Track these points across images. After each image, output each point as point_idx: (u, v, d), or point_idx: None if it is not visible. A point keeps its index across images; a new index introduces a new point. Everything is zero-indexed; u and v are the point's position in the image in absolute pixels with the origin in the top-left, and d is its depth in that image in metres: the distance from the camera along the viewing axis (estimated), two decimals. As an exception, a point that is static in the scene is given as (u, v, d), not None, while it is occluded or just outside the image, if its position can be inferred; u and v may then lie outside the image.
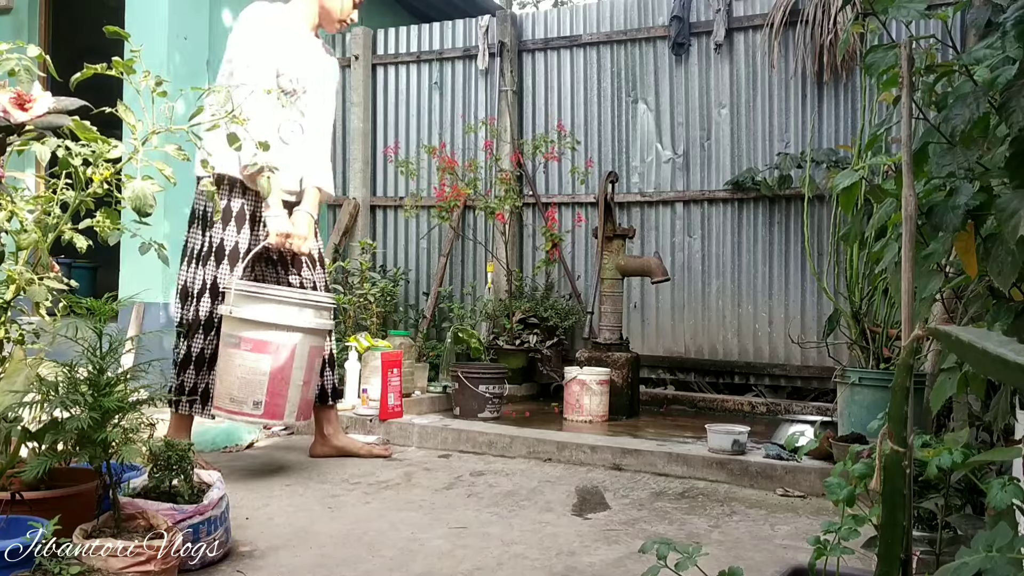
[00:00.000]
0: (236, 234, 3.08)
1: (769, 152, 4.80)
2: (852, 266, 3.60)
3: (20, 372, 1.86)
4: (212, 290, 3.08)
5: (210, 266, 3.07)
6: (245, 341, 2.93)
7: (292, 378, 2.97)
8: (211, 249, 3.08)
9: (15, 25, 5.44)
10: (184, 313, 3.13)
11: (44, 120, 1.96)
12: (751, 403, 4.52)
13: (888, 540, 1.06)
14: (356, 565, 2.12)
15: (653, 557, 1.30)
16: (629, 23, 5.18)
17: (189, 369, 3.12)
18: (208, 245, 3.08)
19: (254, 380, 2.93)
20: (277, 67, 3.07)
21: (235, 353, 2.93)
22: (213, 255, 3.07)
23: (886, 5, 1.44)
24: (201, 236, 3.11)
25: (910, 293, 1.17)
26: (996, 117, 1.37)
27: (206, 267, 3.08)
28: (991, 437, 2.15)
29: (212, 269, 3.07)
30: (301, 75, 3.15)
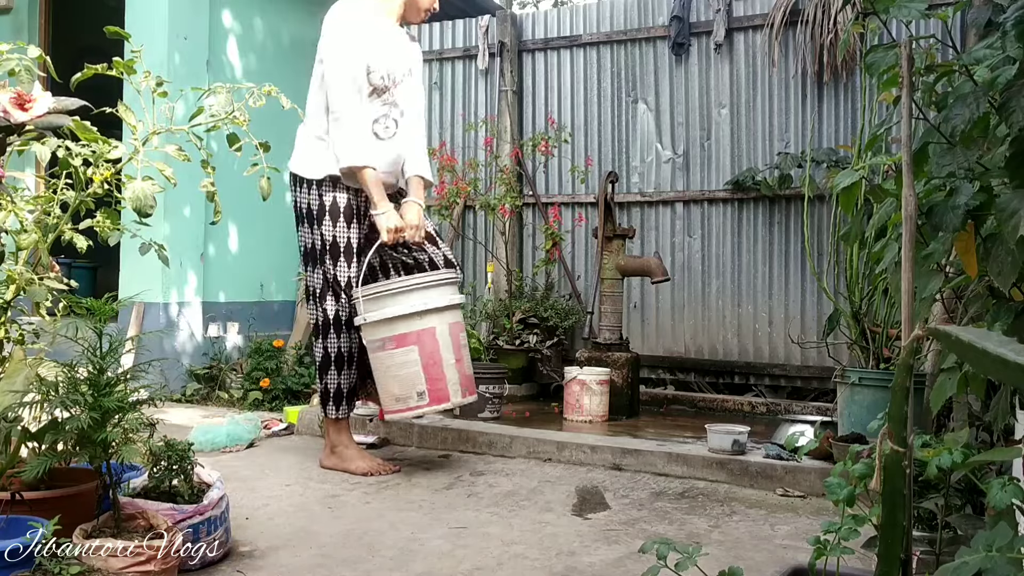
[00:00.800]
0: (347, 230, 3.12)
1: (769, 152, 4.80)
2: (852, 266, 3.60)
3: (20, 372, 1.86)
4: (334, 288, 3.14)
5: (327, 264, 3.12)
6: (388, 341, 3.01)
7: (443, 360, 3.03)
8: (324, 246, 3.12)
9: (15, 25, 5.44)
10: (316, 314, 3.19)
11: (44, 120, 1.96)
12: (751, 403, 4.52)
13: (888, 540, 1.06)
14: (356, 565, 2.12)
15: (653, 557, 1.30)
16: (629, 23, 5.18)
17: (330, 370, 3.18)
18: (321, 242, 3.13)
19: (410, 373, 3.00)
20: (368, 64, 3.07)
21: (383, 356, 3.03)
22: (328, 252, 3.12)
23: (886, 5, 1.44)
24: (311, 234, 3.15)
25: (910, 293, 1.17)
26: (996, 117, 1.37)
27: (323, 265, 3.13)
28: (991, 437, 2.15)
29: (330, 267, 3.12)
30: (391, 69, 3.15)
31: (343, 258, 3.11)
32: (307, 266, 3.19)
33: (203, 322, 4.98)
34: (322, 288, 3.15)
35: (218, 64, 5.15)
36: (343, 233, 3.11)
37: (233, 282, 5.24)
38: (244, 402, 4.56)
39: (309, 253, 3.18)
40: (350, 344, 3.18)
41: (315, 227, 3.13)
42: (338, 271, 3.11)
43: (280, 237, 5.61)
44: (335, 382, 3.17)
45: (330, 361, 3.17)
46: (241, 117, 2.12)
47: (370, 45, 3.09)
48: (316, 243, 3.14)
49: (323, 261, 3.13)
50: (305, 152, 3.16)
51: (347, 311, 3.14)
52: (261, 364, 4.73)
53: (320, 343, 3.18)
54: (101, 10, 5.00)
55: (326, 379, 3.18)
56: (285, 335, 5.28)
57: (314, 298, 3.18)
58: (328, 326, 3.15)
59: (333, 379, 3.17)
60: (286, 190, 5.58)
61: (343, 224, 3.11)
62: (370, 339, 3.05)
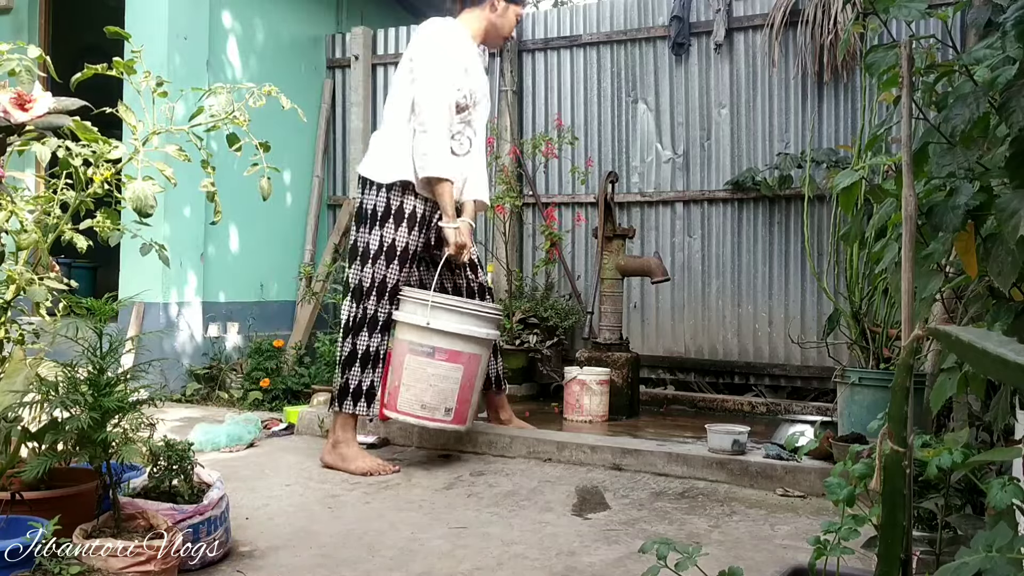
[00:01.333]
0: (407, 235, 3.21)
1: (769, 152, 4.80)
2: (852, 266, 3.60)
3: (20, 372, 1.86)
4: (380, 289, 3.20)
5: (380, 264, 3.19)
6: (439, 351, 3.12)
7: (475, 387, 3.24)
8: (381, 247, 3.20)
9: (15, 25, 5.44)
10: (352, 311, 3.23)
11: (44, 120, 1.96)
12: (751, 403, 4.52)
13: (888, 540, 1.06)
14: (356, 565, 2.12)
15: (653, 557, 1.30)
16: (629, 23, 5.18)
17: (354, 367, 3.21)
18: (379, 243, 3.20)
19: (447, 388, 3.13)
20: (456, 83, 3.22)
21: (427, 362, 3.12)
22: (384, 254, 3.19)
23: (887, 5, 1.44)
24: (369, 235, 3.21)
25: (910, 293, 1.18)
26: (996, 117, 1.37)
27: (375, 265, 3.20)
28: (991, 437, 2.15)
29: (382, 268, 3.19)
30: (474, 90, 3.32)
31: (397, 261, 3.20)
32: (362, 264, 3.23)
33: (203, 322, 4.98)
34: (368, 287, 3.20)
35: (218, 64, 5.15)
36: (403, 237, 3.20)
37: (233, 282, 5.25)
38: (244, 402, 4.57)
39: (364, 252, 3.23)
40: (379, 346, 3.24)
41: (376, 228, 3.20)
42: (388, 272, 3.20)
43: (280, 237, 5.61)
44: (356, 379, 3.21)
45: (356, 358, 3.21)
46: (241, 117, 2.12)
47: (461, 65, 3.25)
48: (372, 244, 3.21)
49: (376, 261, 3.20)
50: (379, 157, 3.25)
51: (385, 313, 3.21)
52: (261, 364, 4.73)
53: (349, 339, 3.22)
54: (101, 10, 5.00)
55: (348, 375, 3.21)
56: (285, 335, 5.28)
57: (356, 295, 3.23)
58: (363, 324, 3.20)
59: (355, 376, 3.21)
60: (286, 191, 5.63)
61: (404, 229, 3.20)
62: (420, 341, 3.12)
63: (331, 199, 5.99)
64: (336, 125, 6.03)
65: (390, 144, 3.24)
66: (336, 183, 6.02)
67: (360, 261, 3.23)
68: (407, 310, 3.17)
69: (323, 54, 6.03)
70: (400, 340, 3.18)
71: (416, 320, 3.11)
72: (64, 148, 1.93)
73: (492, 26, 3.40)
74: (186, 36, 4.86)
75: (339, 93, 6.04)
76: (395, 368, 3.18)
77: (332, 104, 6.01)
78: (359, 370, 3.20)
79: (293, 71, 5.75)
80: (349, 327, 3.22)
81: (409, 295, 3.19)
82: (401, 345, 3.17)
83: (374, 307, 3.20)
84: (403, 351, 3.15)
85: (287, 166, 5.56)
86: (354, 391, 3.20)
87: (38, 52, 2.02)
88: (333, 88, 6.02)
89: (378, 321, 3.21)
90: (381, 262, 3.19)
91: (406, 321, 3.15)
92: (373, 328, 3.21)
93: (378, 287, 3.20)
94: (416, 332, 3.13)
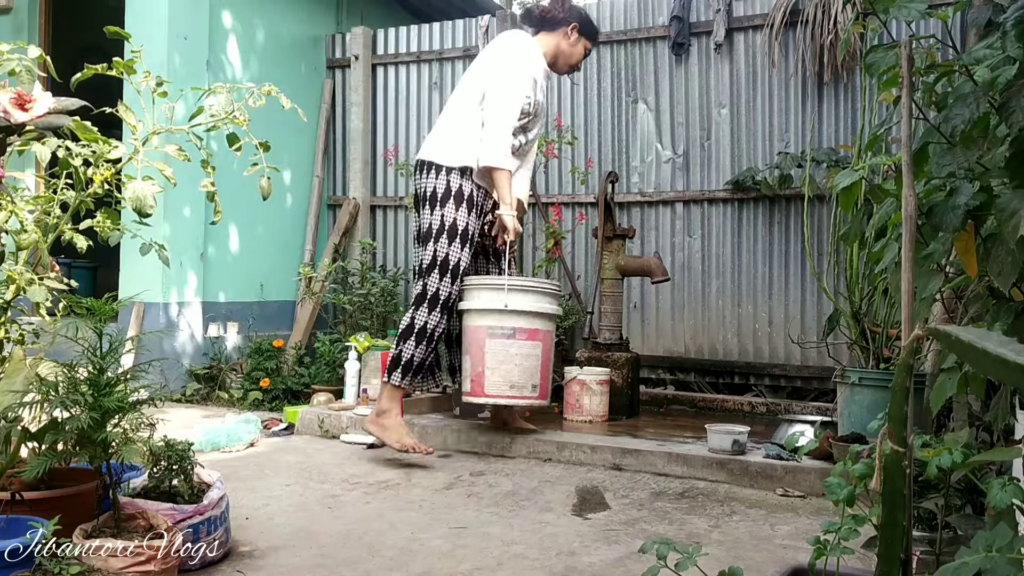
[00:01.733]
0: (467, 215, 3.37)
1: (769, 152, 4.80)
2: (852, 266, 3.60)
3: (20, 372, 1.86)
4: (441, 266, 3.34)
5: (441, 242, 3.35)
6: (520, 331, 3.31)
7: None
8: (442, 226, 3.36)
9: (15, 25, 5.44)
10: (418, 285, 3.38)
11: (44, 120, 1.96)
12: (751, 403, 4.52)
13: (888, 540, 1.06)
14: (356, 565, 2.12)
15: (653, 557, 1.30)
16: (629, 23, 5.18)
17: (409, 340, 3.33)
18: (440, 222, 3.36)
19: (531, 366, 3.32)
20: (525, 90, 3.42)
21: (509, 343, 3.29)
22: (445, 232, 3.35)
23: (887, 5, 1.43)
24: (430, 215, 3.39)
25: (910, 293, 1.17)
26: (996, 117, 1.37)
27: (436, 244, 3.35)
28: (991, 437, 2.15)
29: (444, 246, 3.35)
30: (538, 101, 3.53)
31: (459, 240, 3.35)
32: (421, 244, 3.42)
33: (203, 322, 4.98)
34: (429, 264, 3.35)
35: (218, 64, 5.15)
36: (463, 218, 3.36)
37: (233, 282, 5.24)
38: (244, 402, 4.56)
39: (426, 233, 3.39)
40: (437, 324, 3.34)
41: (436, 208, 3.37)
42: (451, 251, 3.34)
43: (280, 237, 5.61)
44: (410, 352, 3.32)
45: (413, 331, 3.33)
46: (241, 117, 2.12)
47: (533, 76, 3.47)
48: (434, 223, 3.37)
49: (437, 239, 3.35)
50: (443, 142, 3.45)
51: (447, 292, 3.34)
52: (261, 364, 4.73)
53: (410, 312, 3.37)
54: (101, 10, 5.00)
55: (402, 347, 3.33)
56: (285, 335, 5.28)
57: (420, 272, 3.40)
58: (423, 299, 3.35)
59: (409, 348, 3.32)
60: (286, 191, 5.63)
61: (464, 210, 3.37)
62: (500, 324, 3.29)
63: (331, 199, 5.99)
64: (336, 125, 6.03)
65: (454, 131, 3.43)
66: (336, 183, 6.02)
67: (422, 241, 3.41)
68: (478, 297, 3.33)
69: (323, 54, 6.03)
70: (476, 327, 3.33)
71: (494, 304, 3.28)
72: (64, 148, 1.93)
73: (561, 53, 3.60)
74: (186, 36, 4.86)
75: (339, 93, 6.04)
76: (474, 355, 3.33)
77: (332, 104, 6.01)
78: (413, 344, 3.32)
79: (293, 71, 5.75)
80: (411, 302, 3.41)
81: (478, 282, 3.36)
82: (478, 332, 3.32)
83: (435, 284, 3.33)
84: (481, 337, 3.30)
85: (287, 166, 5.56)
86: (405, 364, 3.32)
87: (38, 52, 2.02)
88: (333, 88, 6.02)
89: (439, 299, 3.33)
90: (443, 240, 3.34)
91: (482, 307, 3.31)
92: (433, 305, 3.33)
93: (440, 264, 3.33)
94: (494, 316, 3.29)
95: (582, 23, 3.62)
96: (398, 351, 3.33)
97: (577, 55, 3.65)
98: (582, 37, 3.62)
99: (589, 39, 3.66)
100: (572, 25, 3.58)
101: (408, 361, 3.31)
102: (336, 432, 3.86)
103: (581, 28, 3.61)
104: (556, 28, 3.59)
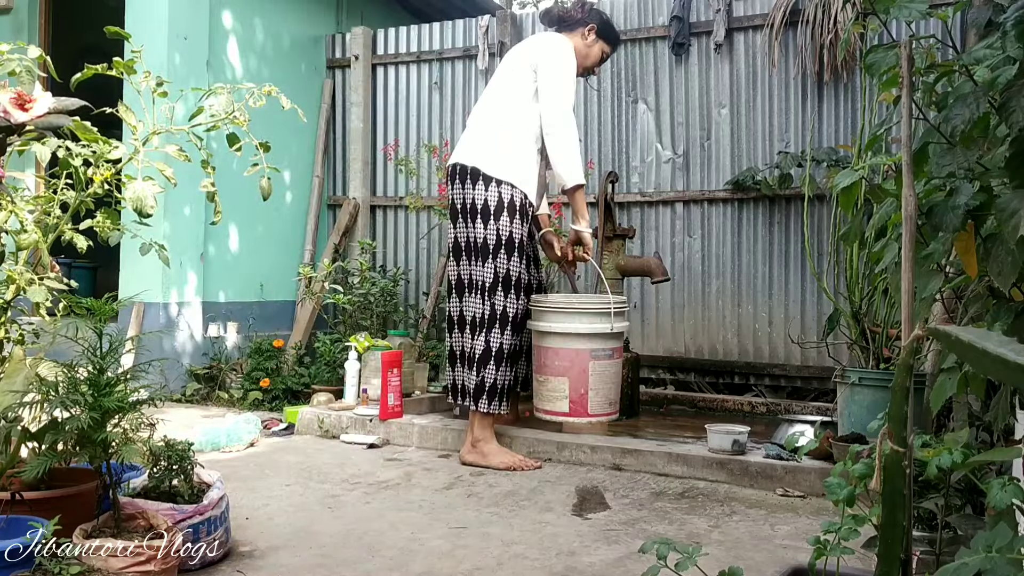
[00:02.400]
0: (521, 227, 3.33)
1: (769, 152, 4.80)
2: (852, 266, 3.60)
3: (20, 372, 1.86)
4: (504, 283, 3.30)
5: (500, 258, 3.30)
6: (616, 351, 3.36)
7: None
8: (499, 241, 3.30)
9: (15, 25, 5.44)
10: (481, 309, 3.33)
11: (44, 120, 1.96)
12: (751, 403, 4.52)
13: (888, 540, 1.06)
14: (356, 565, 2.12)
15: (653, 557, 1.30)
16: (629, 23, 5.18)
17: (490, 364, 3.30)
18: (496, 237, 3.30)
19: (617, 382, 3.39)
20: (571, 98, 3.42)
21: (609, 364, 3.32)
22: (504, 247, 3.30)
23: (887, 5, 1.43)
24: (484, 229, 3.31)
25: (910, 293, 1.17)
26: (996, 117, 1.37)
27: (496, 259, 3.30)
28: (991, 437, 2.15)
29: (503, 261, 3.30)
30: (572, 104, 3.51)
31: (516, 254, 3.31)
32: (478, 260, 3.33)
33: (203, 322, 4.98)
34: (492, 283, 3.30)
35: (218, 64, 5.15)
36: (518, 229, 3.32)
37: (233, 282, 5.24)
38: (244, 402, 4.56)
39: (480, 247, 3.32)
40: (513, 342, 3.33)
41: (491, 221, 3.30)
42: (511, 267, 3.30)
43: (280, 237, 5.61)
44: (492, 377, 3.29)
45: (491, 355, 3.29)
46: (241, 117, 2.12)
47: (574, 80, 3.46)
48: (490, 238, 3.30)
49: (496, 255, 3.29)
50: (490, 150, 3.35)
51: (516, 307, 3.32)
52: (261, 364, 4.73)
53: (482, 337, 3.30)
54: (101, 10, 5.00)
55: (483, 373, 3.29)
56: (285, 335, 5.28)
57: (480, 292, 3.32)
58: (495, 320, 3.30)
59: (491, 374, 3.29)
60: (286, 191, 5.63)
61: (519, 221, 3.32)
62: (602, 347, 3.28)
63: (331, 199, 5.99)
64: (336, 125, 6.03)
65: (500, 139, 3.34)
66: (336, 183, 6.02)
67: (476, 256, 3.33)
68: (579, 319, 3.27)
69: (323, 54, 6.03)
70: (579, 350, 3.27)
71: (600, 328, 3.28)
72: (64, 148, 1.93)
73: (577, 53, 3.52)
74: (186, 36, 4.86)
75: (339, 93, 6.04)
76: (575, 377, 3.27)
77: (332, 104, 6.01)
78: (494, 368, 3.29)
79: (293, 71, 5.75)
80: (479, 324, 3.32)
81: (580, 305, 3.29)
82: (581, 354, 3.27)
83: (502, 303, 3.29)
84: (584, 359, 3.27)
85: (287, 166, 5.56)
86: (489, 390, 3.29)
87: (38, 52, 2.02)
88: (333, 88, 6.02)
89: (508, 317, 3.30)
90: (502, 256, 3.29)
91: (588, 331, 3.26)
92: (504, 325, 3.30)
93: (503, 281, 3.30)
94: (599, 339, 3.28)
95: (600, 25, 3.58)
96: (480, 378, 3.28)
97: (593, 57, 3.61)
98: (599, 39, 3.59)
99: (607, 42, 3.62)
100: (589, 26, 3.56)
101: (492, 386, 3.28)
102: (336, 432, 3.86)
103: (599, 29, 3.58)
104: (574, 28, 3.56)
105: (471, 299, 3.35)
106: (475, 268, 3.34)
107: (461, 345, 3.42)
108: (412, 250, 5.78)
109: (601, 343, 3.30)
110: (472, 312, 3.35)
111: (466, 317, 3.39)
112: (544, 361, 3.36)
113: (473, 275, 3.35)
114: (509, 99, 3.38)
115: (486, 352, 3.28)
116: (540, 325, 3.36)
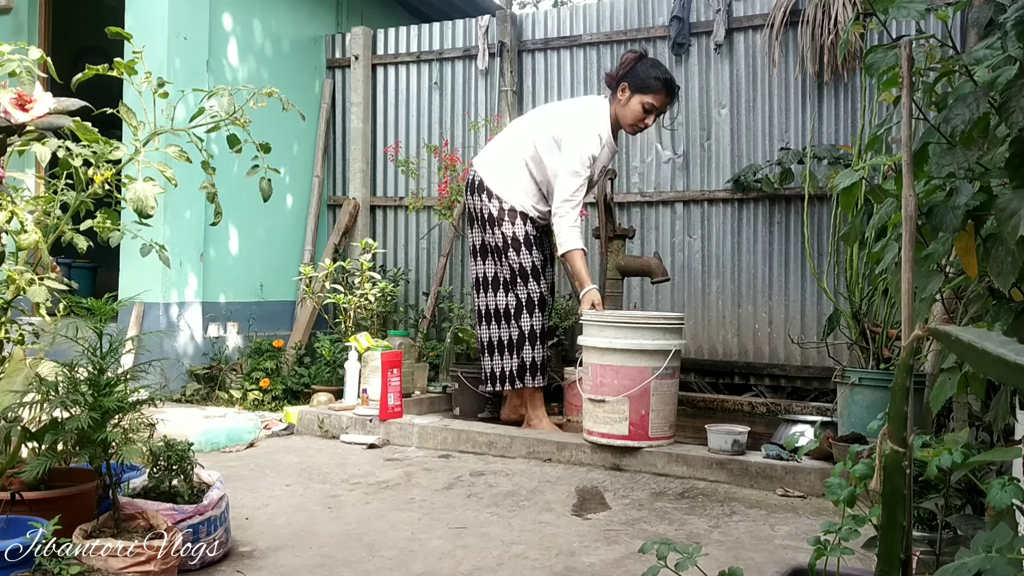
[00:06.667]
0: (524, 226, 3.78)
1: (769, 152, 4.80)
2: (852, 266, 3.60)
3: (20, 372, 1.86)
4: (522, 274, 3.74)
5: (511, 254, 3.75)
6: (676, 370, 3.36)
7: None
8: (506, 241, 3.75)
9: (15, 25, 5.44)
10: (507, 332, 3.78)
11: (45, 121, 1.96)
12: (751, 403, 4.52)
13: (888, 540, 1.06)
14: (356, 565, 2.12)
15: (653, 557, 1.30)
16: (629, 23, 5.18)
17: (526, 345, 3.73)
18: (502, 239, 3.76)
19: (675, 405, 3.36)
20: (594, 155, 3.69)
21: (671, 383, 3.31)
22: (511, 245, 3.75)
23: (886, 5, 1.43)
24: (492, 233, 3.79)
25: (910, 293, 1.17)
26: (996, 117, 1.37)
27: (508, 257, 3.76)
28: (991, 437, 2.15)
29: (515, 257, 3.75)
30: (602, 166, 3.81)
31: (524, 247, 3.77)
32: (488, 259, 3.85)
33: (203, 322, 4.98)
34: (510, 277, 3.77)
35: (218, 65, 5.15)
36: (521, 228, 3.77)
37: (233, 282, 5.24)
38: (244, 402, 4.56)
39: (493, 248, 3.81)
40: (541, 324, 3.77)
41: (496, 227, 3.77)
42: (523, 259, 3.76)
43: (280, 237, 5.61)
44: (531, 355, 3.73)
45: (526, 337, 3.73)
46: (242, 118, 2.12)
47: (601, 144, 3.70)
48: (498, 240, 3.77)
49: (506, 252, 3.76)
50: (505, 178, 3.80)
51: (537, 293, 3.76)
52: (261, 364, 4.73)
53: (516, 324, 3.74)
54: (101, 10, 5.01)
55: (523, 353, 3.72)
56: (285, 335, 5.28)
57: (504, 284, 3.80)
58: (522, 307, 3.75)
59: (529, 353, 3.73)
60: (286, 191, 5.63)
61: (520, 221, 3.77)
62: (665, 364, 3.23)
63: (331, 199, 5.99)
64: (336, 125, 6.03)
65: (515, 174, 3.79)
66: (336, 183, 6.02)
67: (493, 256, 3.82)
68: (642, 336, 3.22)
69: (323, 54, 6.03)
70: (641, 368, 3.20)
71: (666, 344, 3.24)
72: (64, 148, 1.93)
73: (614, 116, 3.74)
74: (186, 36, 4.86)
75: (339, 93, 6.04)
76: (636, 398, 3.19)
77: (332, 104, 6.01)
78: (530, 347, 3.72)
79: (293, 71, 5.75)
80: (506, 346, 3.77)
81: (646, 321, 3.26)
82: (644, 372, 3.20)
83: (525, 291, 3.74)
84: (646, 377, 3.20)
85: (287, 166, 5.56)
86: (531, 366, 3.73)
87: (39, 53, 2.02)
88: (333, 88, 6.02)
89: (533, 302, 3.74)
90: (511, 252, 3.74)
91: (653, 348, 3.21)
92: (531, 309, 3.75)
93: (520, 273, 3.74)
94: (663, 356, 3.23)
95: (632, 80, 3.63)
96: (520, 359, 3.72)
97: (633, 112, 3.66)
98: (634, 94, 3.64)
99: (643, 92, 3.63)
100: (621, 86, 3.67)
101: (533, 363, 3.72)
102: (336, 432, 3.86)
103: (630, 85, 3.64)
104: (614, 92, 3.72)
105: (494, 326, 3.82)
106: (484, 265, 3.84)
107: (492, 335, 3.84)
108: (412, 250, 5.78)
109: (664, 361, 3.21)
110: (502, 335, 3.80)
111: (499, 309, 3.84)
112: (601, 380, 3.24)
113: (480, 271, 3.87)
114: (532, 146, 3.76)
115: (521, 336, 3.73)
116: (597, 341, 3.26)
